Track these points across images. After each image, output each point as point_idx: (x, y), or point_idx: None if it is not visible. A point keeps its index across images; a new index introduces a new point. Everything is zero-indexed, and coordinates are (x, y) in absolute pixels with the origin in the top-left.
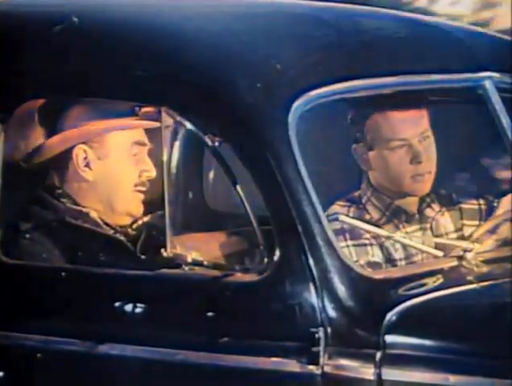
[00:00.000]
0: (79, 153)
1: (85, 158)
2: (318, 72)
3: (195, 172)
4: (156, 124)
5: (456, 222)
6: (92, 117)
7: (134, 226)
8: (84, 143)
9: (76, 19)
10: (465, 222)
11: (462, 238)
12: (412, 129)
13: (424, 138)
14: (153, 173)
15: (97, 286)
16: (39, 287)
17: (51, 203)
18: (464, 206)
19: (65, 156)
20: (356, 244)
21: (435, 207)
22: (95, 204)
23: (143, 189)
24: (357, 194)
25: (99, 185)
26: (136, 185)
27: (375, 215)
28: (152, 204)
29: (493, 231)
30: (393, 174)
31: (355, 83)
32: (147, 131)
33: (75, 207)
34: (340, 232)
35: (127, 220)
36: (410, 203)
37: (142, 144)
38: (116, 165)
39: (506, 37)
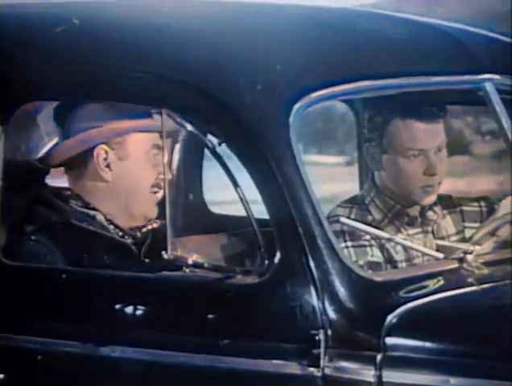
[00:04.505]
0: (100, 153)
1: (106, 159)
2: (319, 74)
3: (195, 174)
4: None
5: (457, 224)
6: (106, 118)
7: (144, 229)
8: (105, 144)
9: (76, 21)
10: (467, 224)
11: (463, 240)
12: (432, 140)
13: (440, 149)
14: (167, 176)
15: (98, 288)
16: (40, 289)
17: (57, 204)
18: (465, 208)
19: (83, 156)
20: (355, 245)
21: (437, 210)
22: (110, 205)
23: (158, 190)
24: (359, 194)
25: (117, 186)
26: (153, 186)
27: (377, 216)
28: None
29: (493, 233)
30: (403, 181)
31: (356, 84)
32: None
33: (81, 209)
34: (339, 233)
35: (141, 222)
36: (413, 207)
37: (160, 148)
38: (135, 166)
39: (507, 38)
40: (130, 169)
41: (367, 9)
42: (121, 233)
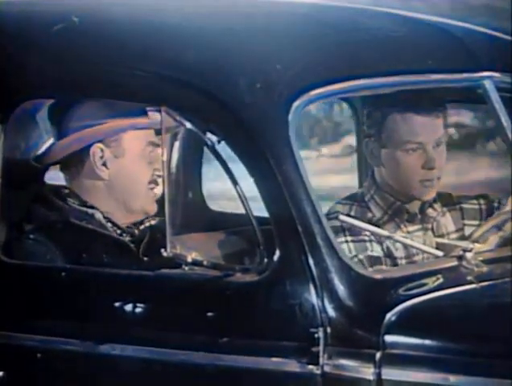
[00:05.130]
0: (96, 151)
1: (102, 157)
2: (318, 72)
3: (194, 172)
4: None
5: (457, 222)
6: (101, 116)
7: (141, 227)
8: (100, 142)
9: (76, 19)
10: (466, 222)
11: (463, 238)
12: (430, 134)
13: (438, 144)
14: (166, 175)
15: (97, 286)
16: (39, 287)
17: (56, 203)
18: (465, 206)
19: (79, 155)
20: (355, 239)
21: (437, 207)
22: (108, 203)
23: (156, 186)
24: (359, 191)
25: (115, 183)
26: (150, 183)
27: (377, 213)
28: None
29: (493, 230)
30: (402, 176)
31: (355, 83)
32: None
33: (80, 207)
34: (339, 229)
35: (140, 217)
36: (413, 203)
37: (155, 145)
38: (131, 163)
39: (507, 36)
40: (126, 166)
41: (366, 7)
42: (119, 231)
